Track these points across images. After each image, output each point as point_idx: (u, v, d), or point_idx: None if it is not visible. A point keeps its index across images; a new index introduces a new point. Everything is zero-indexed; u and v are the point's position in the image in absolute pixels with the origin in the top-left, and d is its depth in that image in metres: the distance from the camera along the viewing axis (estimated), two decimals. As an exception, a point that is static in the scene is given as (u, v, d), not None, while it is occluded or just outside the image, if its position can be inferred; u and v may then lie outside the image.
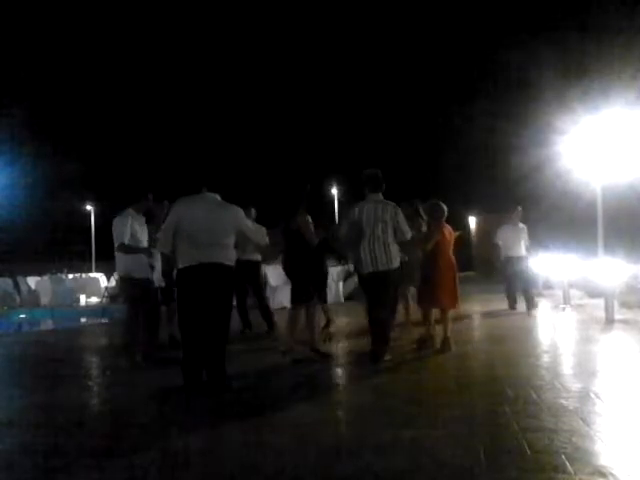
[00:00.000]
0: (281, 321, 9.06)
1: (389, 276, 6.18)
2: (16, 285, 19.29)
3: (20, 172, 32.01)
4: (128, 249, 6.36)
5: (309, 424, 4.14)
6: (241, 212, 5.41)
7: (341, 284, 14.21)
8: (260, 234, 5.71)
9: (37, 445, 3.87)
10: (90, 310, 16.84)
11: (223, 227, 5.19)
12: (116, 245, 6.39)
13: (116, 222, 6.41)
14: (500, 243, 11.26)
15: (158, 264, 6.63)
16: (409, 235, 6.35)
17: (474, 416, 4.17)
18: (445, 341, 6.69)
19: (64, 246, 38.11)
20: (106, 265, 23.98)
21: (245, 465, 3.40)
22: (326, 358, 6.48)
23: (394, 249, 6.21)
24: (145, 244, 6.55)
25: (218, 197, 5.35)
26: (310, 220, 6.54)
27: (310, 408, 4.61)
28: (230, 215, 5.28)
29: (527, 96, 17.97)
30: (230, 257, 5.21)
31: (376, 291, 6.25)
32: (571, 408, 4.22)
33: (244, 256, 7.85)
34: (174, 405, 4.92)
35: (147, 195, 6.70)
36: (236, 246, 5.71)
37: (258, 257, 9.00)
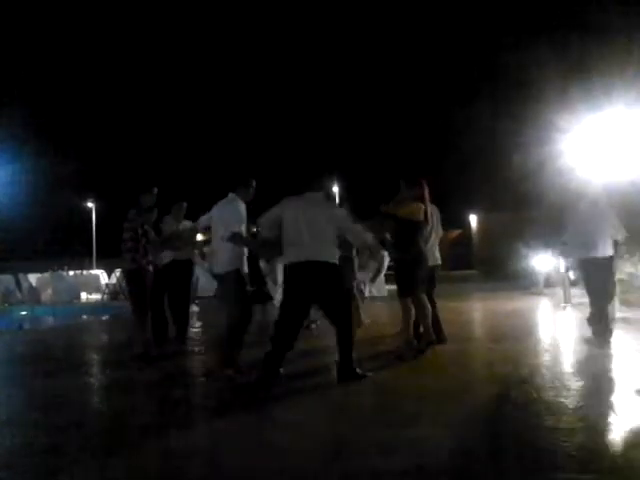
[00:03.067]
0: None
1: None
2: (17, 282, 19.33)
3: (21, 170, 32.04)
4: (250, 242, 5.92)
5: (309, 423, 4.13)
6: (341, 210, 5.62)
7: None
8: (361, 233, 5.64)
9: (37, 445, 3.87)
10: (91, 307, 16.86)
11: (323, 225, 5.32)
12: (238, 231, 5.56)
13: (237, 208, 5.64)
14: (564, 240, 7.51)
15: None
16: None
17: (474, 415, 4.17)
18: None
19: (65, 243, 38.13)
20: (107, 262, 24.00)
21: (245, 465, 3.40)
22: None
23: None
24: None
25: (321, 196, 5.52)
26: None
27: (310, 407, 4.61)
28: (329, 213, 5.43)
29: (529, 95, 17.90)
30: (333, 254, 5.34)
31: (433, 282, 6.96)
32: (571, 407, 4.21)
33: (180, 256, 7.64)
34: (174, 404, 4.92)
35: (252, 181, 5.96)
36: (175, 248, 6.00)
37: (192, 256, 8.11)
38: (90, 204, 40.20)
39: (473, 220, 35.01)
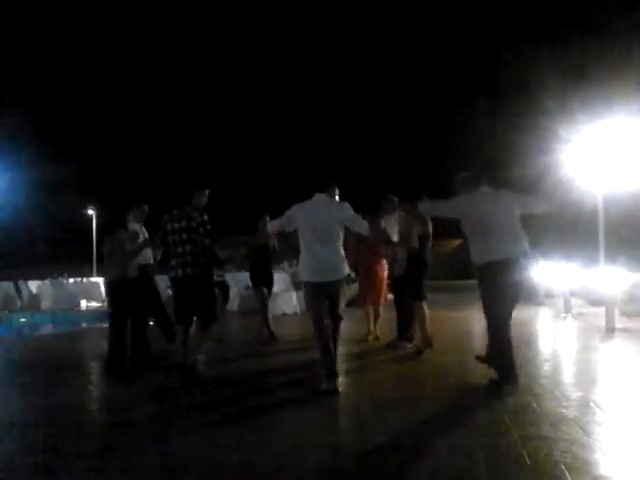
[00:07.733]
0: (282, 327, 9.05)
1: None
2: (17, 289, 19.32)
3: (21, 176, 32.12)
4: None
5: (309, 425, 4.14)
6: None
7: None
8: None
9: (37, 446, 3.87)
10: (91, 314, 16.83)
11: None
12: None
13: (348, 206, 5.46)
14: None
15: None
16: None
17: (474, 424, 4.16)
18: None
19: (65, 250, 38.16)
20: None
21: (244, 465, 3.40)
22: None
23: None
24: None
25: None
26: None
27: (310, 409, 4.61)
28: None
29: (529, 105, 18.01)
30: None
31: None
32: (571, 417, 4.20)
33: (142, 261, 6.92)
34: (173, 406, 4.92)
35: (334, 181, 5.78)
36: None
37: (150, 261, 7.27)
38: (90, 211, 40.25)
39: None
